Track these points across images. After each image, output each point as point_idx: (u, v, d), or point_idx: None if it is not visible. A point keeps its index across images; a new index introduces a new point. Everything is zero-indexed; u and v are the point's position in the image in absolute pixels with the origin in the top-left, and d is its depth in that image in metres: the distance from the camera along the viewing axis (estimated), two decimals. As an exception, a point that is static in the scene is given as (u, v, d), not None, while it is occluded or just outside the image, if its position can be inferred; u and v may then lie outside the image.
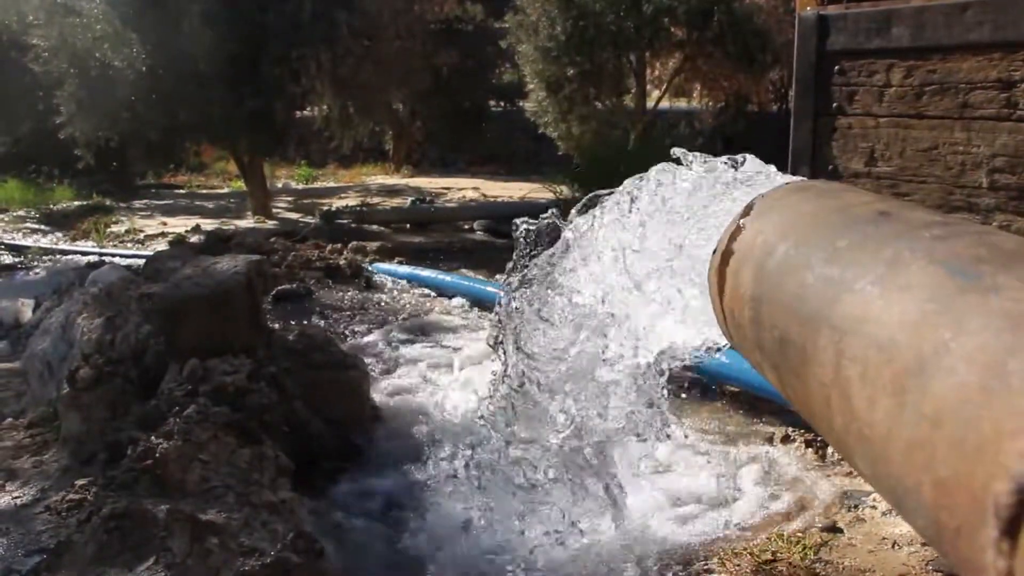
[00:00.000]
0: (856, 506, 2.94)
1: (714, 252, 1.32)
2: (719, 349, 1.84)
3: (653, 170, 1.84)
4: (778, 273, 1.06)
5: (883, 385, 0.74)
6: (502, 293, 2.53)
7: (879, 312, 0.80)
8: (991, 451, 0.59)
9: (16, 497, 2.95)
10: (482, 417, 2.79)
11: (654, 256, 1.74)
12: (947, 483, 0.64)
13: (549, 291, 2.32)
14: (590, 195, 2.18)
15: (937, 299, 0.73)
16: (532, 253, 2.44)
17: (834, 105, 3.17)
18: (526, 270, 2.43)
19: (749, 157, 1.66)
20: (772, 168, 1.65)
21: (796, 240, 1.06)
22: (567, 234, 2.24)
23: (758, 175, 1.51)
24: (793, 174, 3.32)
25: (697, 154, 1.79)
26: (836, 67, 3.15)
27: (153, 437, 2.73)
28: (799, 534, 2.79)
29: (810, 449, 3.39)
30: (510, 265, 2.53)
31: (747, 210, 1.25)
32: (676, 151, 1.81)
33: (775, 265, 1.07)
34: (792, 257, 1.04)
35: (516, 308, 2.45)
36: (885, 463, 0.73)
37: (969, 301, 0.71)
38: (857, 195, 1.13)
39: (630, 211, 1.86)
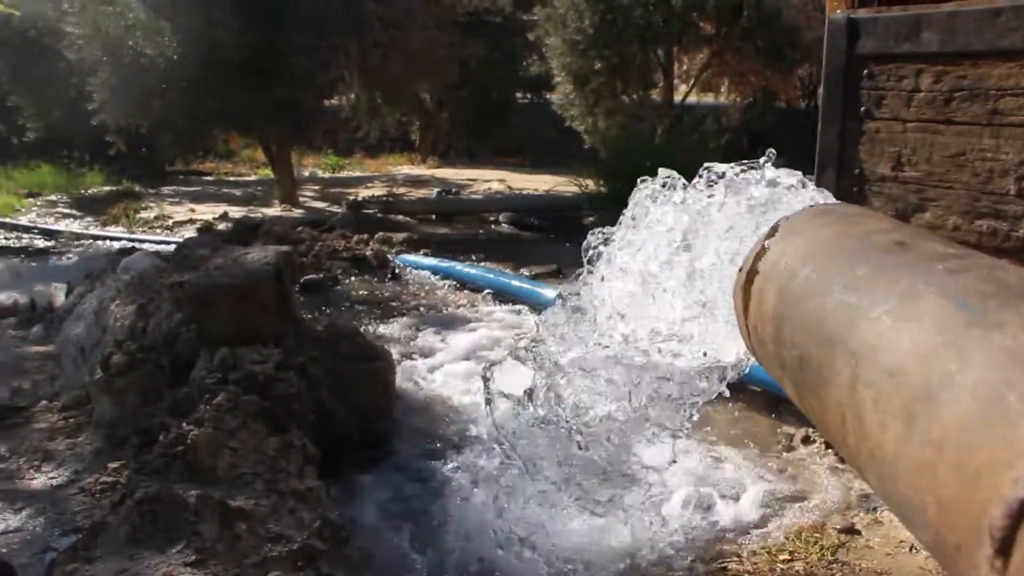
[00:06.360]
0: (875, 508, 2.96)
1: (739, 270, 1.36)
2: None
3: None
4: (800, 295, 1.10)
5: (893, 410, 0.79)
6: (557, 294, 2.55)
7: (892, 341, 0.84)
8: (988, 477, 0.64)
9: (52, 478, 3.04)
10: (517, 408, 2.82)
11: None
12: (948, 504, 0.68)
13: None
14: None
15: (945, 332, 0.78)
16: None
17: (862, 109, 3.17)
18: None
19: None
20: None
21: (817, 265, 1.10)
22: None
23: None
24: (819, 177, 3.34)
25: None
26: (865, 71, 3.15)
27: (184, 424, 2.80)
28: (816, 534, 2.81)
29: (830, 451, 3.41)
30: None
31: (772, 232, 1.29)
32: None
33: (797, 287, 1.11)
34: (813, 281, 1.08)
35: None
36: (893, 482, 0.77)
37: (974, 335, 0.75)
38: (877, 222, 1.16)
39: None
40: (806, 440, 3.55)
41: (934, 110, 2.96)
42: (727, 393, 2.22)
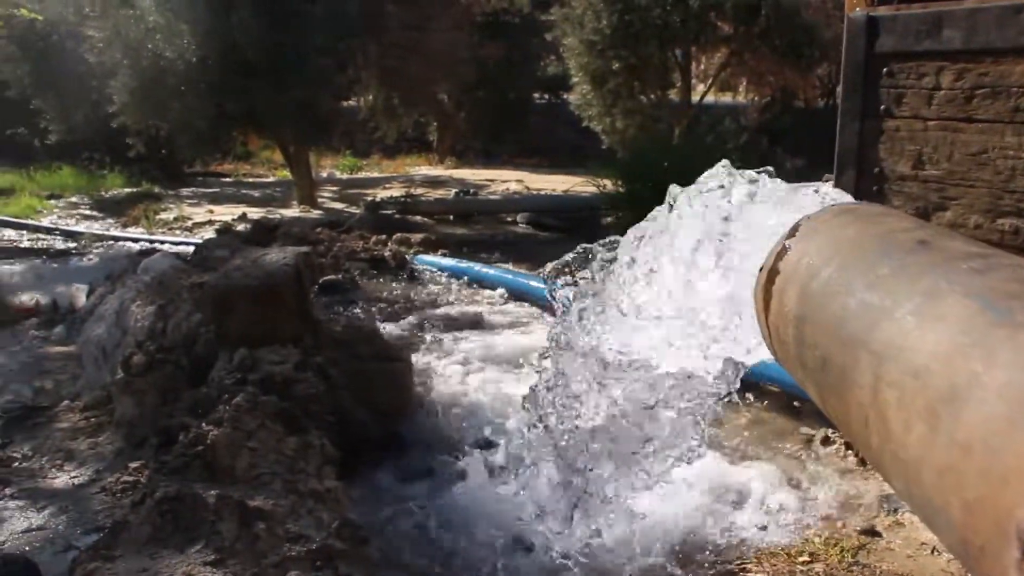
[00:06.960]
0: (896, 510, 2.93)
1: (760, 270, 1.35)
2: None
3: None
4: (821, 295, 1.09)
5: (918, 411, 0.78)
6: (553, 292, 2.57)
7: (916, 341, 0.83)
8: (1015, 480, 0.63)
9: (73, 477, 3.07)
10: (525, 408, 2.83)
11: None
12: (974, 506, 0.67)
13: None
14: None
15: (970, 332, 0.77)
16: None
17: (882, 107, 3.14)
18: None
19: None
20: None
21: (839, 264, 1.09)
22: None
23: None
24: (838, 176, 3.31)
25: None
26: (885, 69, 3.12)
27: (204, 424, 2.81)
28: (837, 536, 2.79)
29: (850, 452, 3.38)
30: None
31: (793, 231, 1.28)
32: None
33: (819, 287, 1.10)
34: (835, 281, 1.07)
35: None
36: (918, 483, 0.76)
37: (1000, 336, 0.74)
38: (898, 221, 1.15)
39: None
40: (826, 441, 3.52)
41: (955, 108, 2.93)
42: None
